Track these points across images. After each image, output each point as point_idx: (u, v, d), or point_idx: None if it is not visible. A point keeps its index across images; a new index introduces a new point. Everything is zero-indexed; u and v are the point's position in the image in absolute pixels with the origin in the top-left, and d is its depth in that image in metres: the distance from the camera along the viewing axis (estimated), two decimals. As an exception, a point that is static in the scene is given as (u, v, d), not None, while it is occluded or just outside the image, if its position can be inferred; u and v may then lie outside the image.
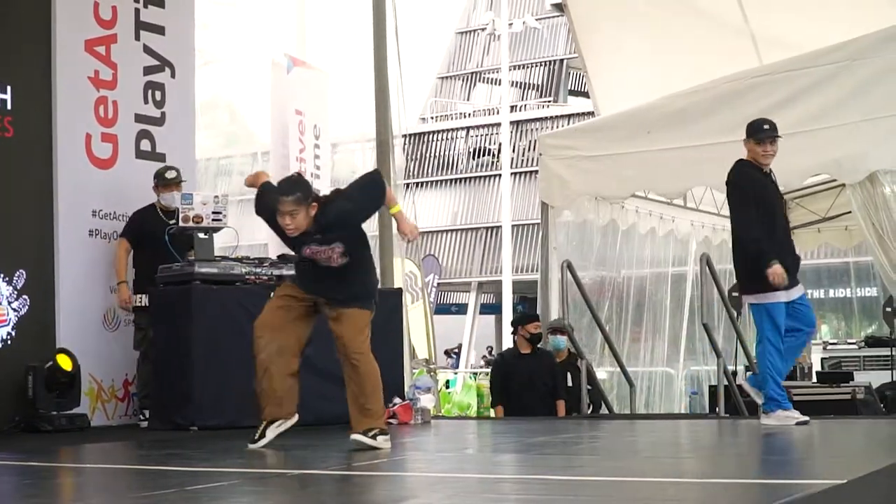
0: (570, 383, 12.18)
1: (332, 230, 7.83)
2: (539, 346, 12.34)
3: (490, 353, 35.88)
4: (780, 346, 9.34)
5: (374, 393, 7.96)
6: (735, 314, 12.17)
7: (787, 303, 9.33)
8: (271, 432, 8.02)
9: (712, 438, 9.07)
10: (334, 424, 9.83)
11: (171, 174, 10.81)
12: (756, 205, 9.33)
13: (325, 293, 8.00)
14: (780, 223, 9.47)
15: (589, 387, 12.12)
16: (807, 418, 9.21)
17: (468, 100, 46.87)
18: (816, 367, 16.12)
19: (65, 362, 10.02)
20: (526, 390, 12.12)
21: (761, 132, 9.38)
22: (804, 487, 5.40)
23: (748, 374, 9.63)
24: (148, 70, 11.41)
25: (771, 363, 9.37)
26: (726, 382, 11.41)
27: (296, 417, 8.16)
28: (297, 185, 7.89)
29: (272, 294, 8.43)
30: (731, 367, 12.30)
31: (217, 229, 10.21)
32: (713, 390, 12.64)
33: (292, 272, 9.97)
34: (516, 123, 40.72)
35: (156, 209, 10.75)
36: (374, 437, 7.79)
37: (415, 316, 15.84)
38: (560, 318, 12.38)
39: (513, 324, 12.85)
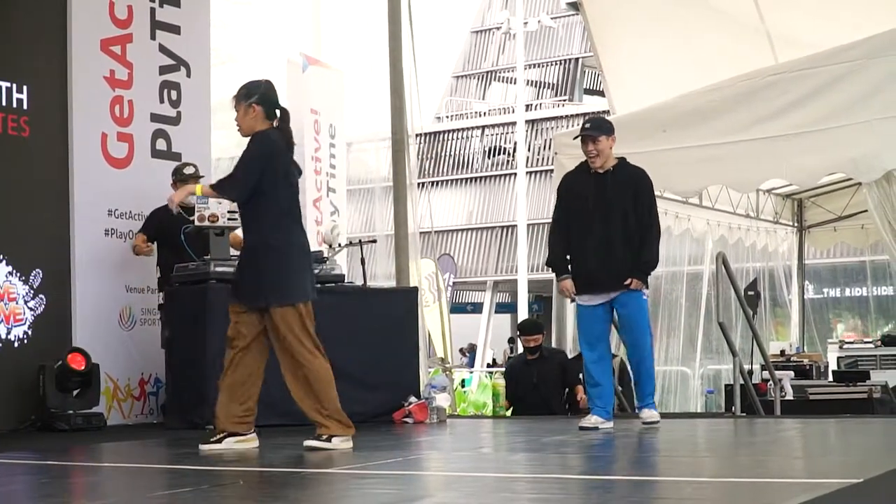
0: None
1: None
2: (544, 349, 12.54)
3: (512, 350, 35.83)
4: None
5: (323, 393, 7.80)
6: (751, 313, 12.15)
7: None
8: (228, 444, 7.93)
9: (728, 437, 9.05)
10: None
11: (189, 170, 10.84)
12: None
13: (244, 290, 7.92)
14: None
15: (619, 387, 12.17)
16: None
17: (483, 99, 46.84)
18: (833, 366, 16.07)
19: (76, 361, 10.04)
20: (530, 395, 12.38)
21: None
22: (820, 486, 5.39)
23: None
24: (164, 69, 11.44)
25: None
26: (742, 381, 11.40)
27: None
28: (244, 85, 8.01)
29: None
30: (747, 367, 12.27)
31: (233, 228, 10.19)
32: (729, 389, 12.62)
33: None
34: (531, 122, 40.68)
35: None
36: (327, 439, 7.73)
37: (431, 315, 15.85)
38: None
39: (518, 329, 13.05)
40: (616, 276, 9.29)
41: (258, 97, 7.91)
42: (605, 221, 9.31)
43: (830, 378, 14.54)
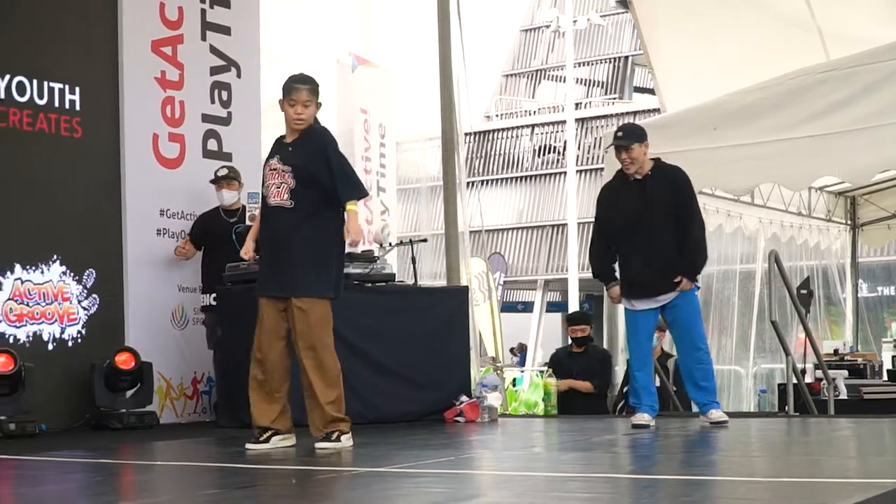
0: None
1: (303, 150, 7.75)
2: (590, 345, 12.50)
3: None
4: None
5: (332, 389, 7.79)
6: (804, 312, 12.06)
7: None
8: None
9: (782, 437, 9.00)
10: (398, 422, 9.86)
11: (221, 171, 10.88)
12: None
13: (280, 281, 7.79)
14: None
15: (674, 388, 12.12)
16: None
17: (533, 97, 46.80)
18: (887, 364, 15.97)
19: (124, 361, 10.09)
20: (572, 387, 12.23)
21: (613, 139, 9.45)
22: (875, 487, 5.35)
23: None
24: (214, 70, 11.48)
25: None
26: (795, 381, 11.33)
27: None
28: (311, 79, 7.91)
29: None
30: (800, 366, 12.19)
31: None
32: (782, 388, 12.54)
33: (357, 269, 10.00)
34: (581, 121, 40.60)
35: (219, 211, 10.84)
36: (336, 439, 7.73)
37: (482, 314, 15.83)
38: None
39: (567, 320, 13.04)
40: (666, 279, 9.29)
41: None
42: (652, 226, 9.30)
43: (885, 377, 14.44)
